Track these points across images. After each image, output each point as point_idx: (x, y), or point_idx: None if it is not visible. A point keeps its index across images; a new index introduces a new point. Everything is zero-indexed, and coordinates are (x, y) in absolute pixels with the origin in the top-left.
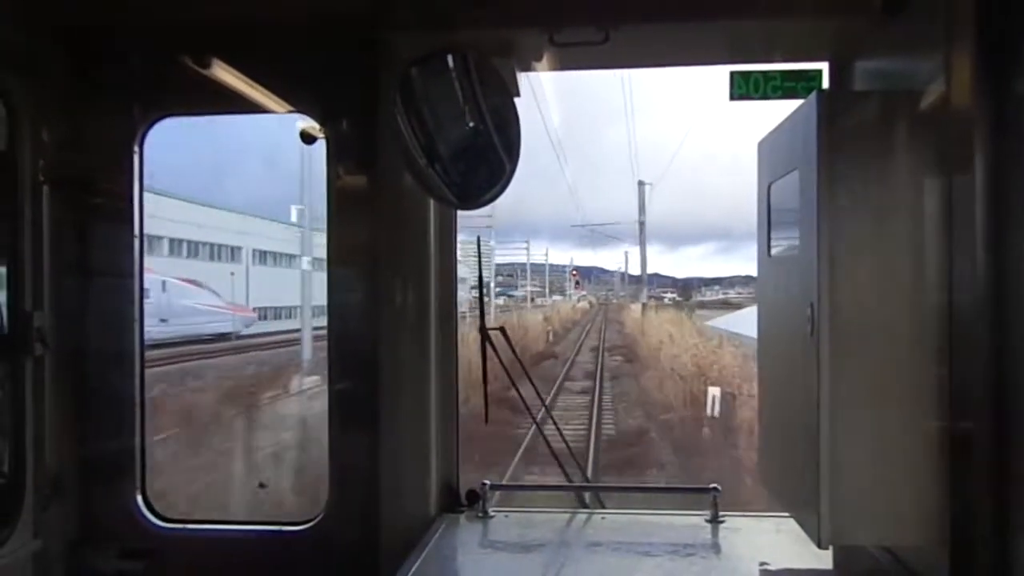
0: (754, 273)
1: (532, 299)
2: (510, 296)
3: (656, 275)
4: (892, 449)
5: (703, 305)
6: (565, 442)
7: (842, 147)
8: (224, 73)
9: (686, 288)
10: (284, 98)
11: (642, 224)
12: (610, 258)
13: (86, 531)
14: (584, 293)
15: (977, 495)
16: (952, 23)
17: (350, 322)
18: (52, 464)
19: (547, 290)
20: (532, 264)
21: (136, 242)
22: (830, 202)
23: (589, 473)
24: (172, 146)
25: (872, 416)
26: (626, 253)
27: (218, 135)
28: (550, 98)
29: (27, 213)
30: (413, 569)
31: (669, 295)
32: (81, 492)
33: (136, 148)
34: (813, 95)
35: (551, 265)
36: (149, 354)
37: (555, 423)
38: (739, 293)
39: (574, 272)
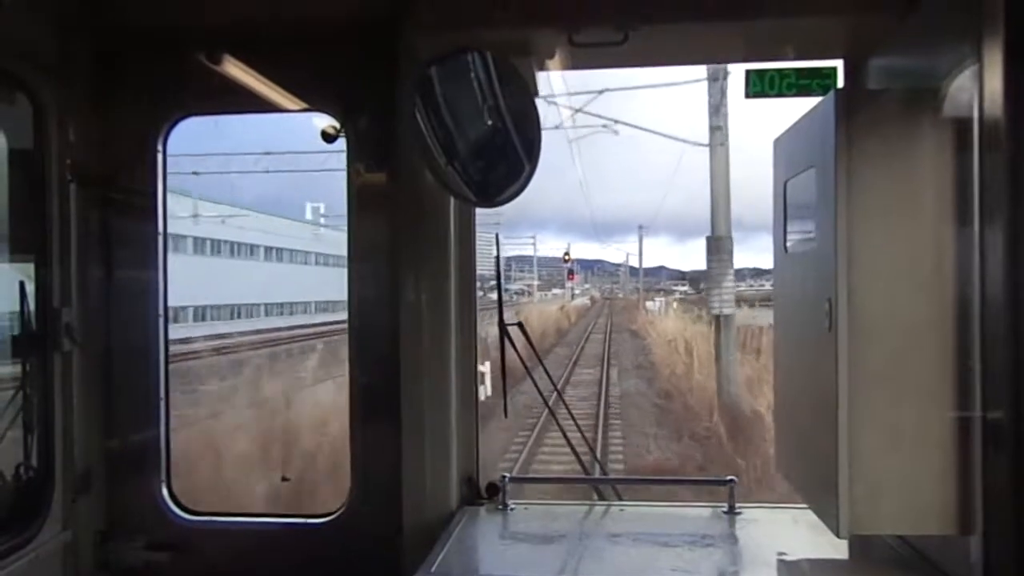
0: (764, 265)
1: (529, 293)
2: (504, 290)
3: (663, 268)
4: (909, 440)
5: (745, 300)
6: (582, 433)
7: (859, 144)
8: (245, 73)
9: (697, 281)
10: (305, 97)
11: (718, 137)
12: (616, 251)
13: (114, 523)
14: (588, 286)
15: (1005, 483)
16: (982, 15)
17: (371, 318)
18: (80, 458)
19: (535, 285)
20: (526, 256)
21: (160, 239)
22: (847, 199)
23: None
24: None
25: (890, 408)
26: (640, 228)
27: None
28: (561, 87)
29: (54, 211)
30: (437, 561)
31: (681, 288)
32: (108, 485)
33: (160, 147)
34: (831, 93)
35: (541, 258)
36: None
37: (571, 414)
38: (750, 286)
39: (566, 257)
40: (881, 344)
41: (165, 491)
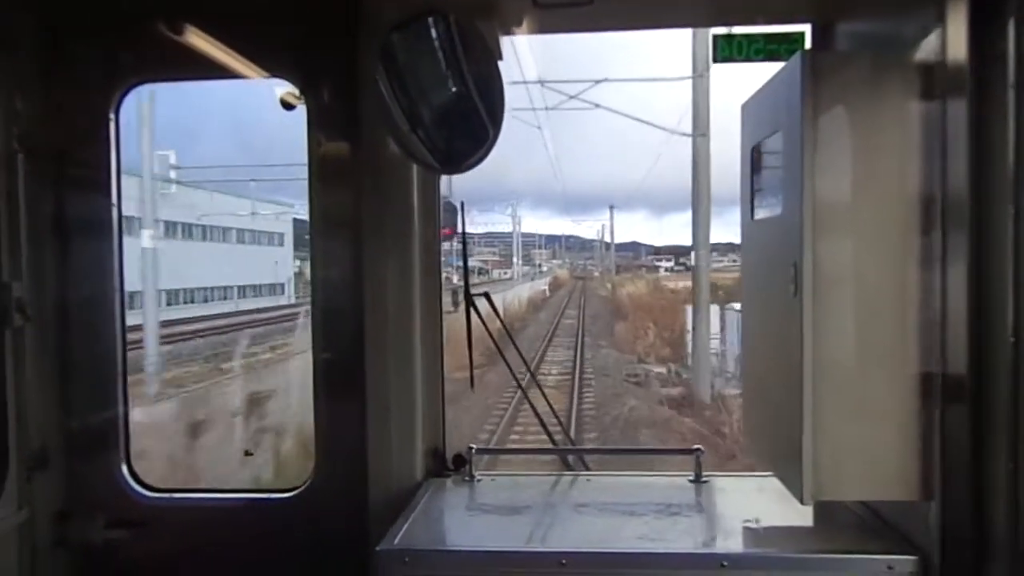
0: (737, 240)
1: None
2: (457, 267)
3: (635, 243)
4: (872, 407)
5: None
6: (549, 404)
7: (826, 108)
8: (200, 38)
9: (680, 255)
10: (263, 64)
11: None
12: (590, 227)
13: (72, 502)
14: (557, 262)
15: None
16: None
17: (334, 291)
18: (36, 436)
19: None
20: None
21: (114, 211)
22: (814, 163)
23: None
24: None
25: (853, 374)
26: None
27: None
28: (528, 47)
29: (2, 183)
30: (401, 532)
31: (666, 264)
32: (66, 463)
33: (111, 116)
34: (797, 55)
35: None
36: None
37: (538, 386)
38: (734, 261)
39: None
40: (845, 310)
41: (125, 468)
